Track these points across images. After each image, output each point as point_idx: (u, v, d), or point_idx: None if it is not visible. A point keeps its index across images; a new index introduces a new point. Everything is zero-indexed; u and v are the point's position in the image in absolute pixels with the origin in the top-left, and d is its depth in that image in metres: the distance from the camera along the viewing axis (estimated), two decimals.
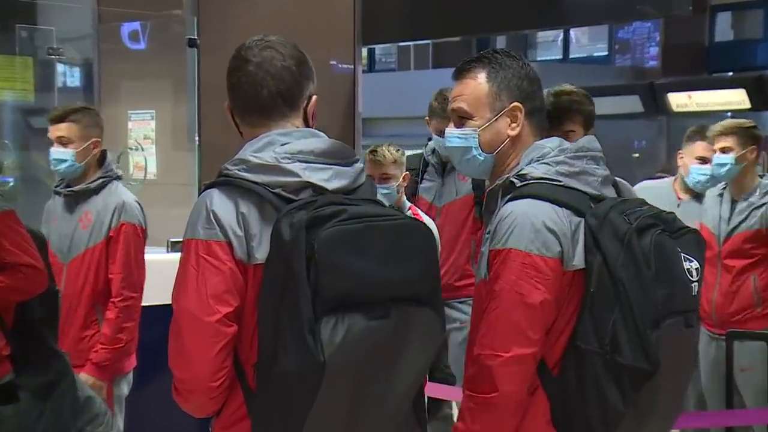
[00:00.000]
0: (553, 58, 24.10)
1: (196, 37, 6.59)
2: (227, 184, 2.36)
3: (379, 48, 26.27)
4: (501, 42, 25.14)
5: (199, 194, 2.43)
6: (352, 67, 6.62)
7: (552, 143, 2.60)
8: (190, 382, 2.33)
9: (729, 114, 14.82)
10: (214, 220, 2.32)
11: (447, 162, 5.29)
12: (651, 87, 14.11)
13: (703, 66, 16.68)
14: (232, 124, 2.54)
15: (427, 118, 5.33)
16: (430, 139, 5.51)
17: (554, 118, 3.83)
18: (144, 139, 6.97)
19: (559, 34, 23.42)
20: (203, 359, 2.30)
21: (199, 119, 6.63)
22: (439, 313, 2.42)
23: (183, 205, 3.52)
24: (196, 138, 6.64)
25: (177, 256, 2.44)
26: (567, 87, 3.94)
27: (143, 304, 4.56)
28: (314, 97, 2.53)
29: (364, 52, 18.12)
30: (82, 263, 4.49)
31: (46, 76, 8.73)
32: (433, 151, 5.48)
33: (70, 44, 9.56)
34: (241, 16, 6.50)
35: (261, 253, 2.31)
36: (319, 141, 2.44)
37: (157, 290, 3.94)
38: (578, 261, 2.49)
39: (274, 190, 2.33)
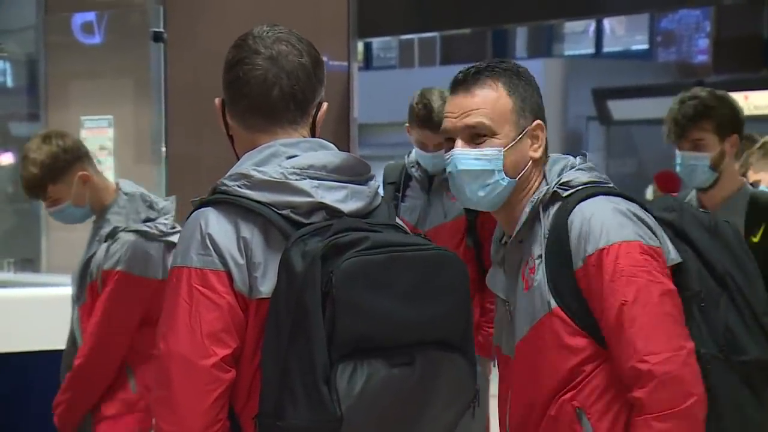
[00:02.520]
0: (584, 52, 24.15)
1: (162, 30, 6.62)
2: (225, 203, 2.33)
3: (377, 42, 26.36)
4: (521, 34, 25.28)
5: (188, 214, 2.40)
6: (347, 64, 6.63)
7: (567, 157, 2.77)
8: None
9: None
10: (210, 246, 2.29)
11: (435, 175, 5.10)
12: (700, 86, 14.18)
13: (761, 62, 16.75)
14: (222, 126, 2.51)
15: (407, 125, 5.14)
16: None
17: (679, 127, 4.03)
18: (100, 149, 6.95)
19: (591, 24, 23.52)
20: (196, 411, 2.26)
21: (166, 126, 6.66)
22: (471, 361, 2.39)
23: None
24: (162, 148, 6.67)
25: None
26: (696, 90, 4.04)
27: None
28: (325, 105, 2.51)
29: (360, 46, 18.15)
30: None
31: None
32: (418, 162, 5.21)
33: (11, 37, 9.60)
34: (214, 6, 6.55)
35: (266, 286, 2.29)
36: (331, 155, 2.41)
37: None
38: (675, 255, 2.63)
39: (281, 212, 2.31)
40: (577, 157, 2.74)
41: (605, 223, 2.54)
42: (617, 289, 2.51)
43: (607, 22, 23.07)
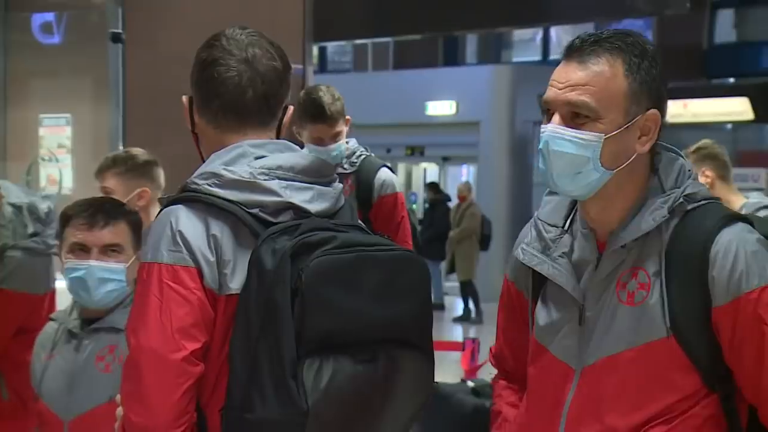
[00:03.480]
0: (531, 59, 24.29)
1: (120, 31, 6.59)
2: (195, 200, 2.33)
3: (331, 46, 26.35)
4: (472, 41, 25.38)
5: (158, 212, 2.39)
6: (302, 67, 6.62)
7: (678, 157, 2.39)
8: (149, 429, 2.26)
9: (729, 126, 14.99)
10: (181, 242, 2.28)
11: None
12: None
13: (701, 71, 16.89)
14: (187, 123, 2.49)
15: (295, 127, 4.95)
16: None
17: None
18: (58, 147, 6.96)
19: (539, 32, 23.64)
20: (165, 403, 2.25)
21: (124, 125, 6.62)
22: (430, 357, 2.40)
23: None
24: (120, 147, 6.62)
25: None
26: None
27: None
28: (291, 108, 2.51)
29: (315, 50, 18.13)
30: None
31: None
32: None
33: None
34: (172, 7, 6.51)
35: (235, 283, 2.29)
36: (298, 156, 2.42)
37: None
38: None
39: (251, 211, 2.31)
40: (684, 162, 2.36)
41: (755, 260, 2.21)
42: None
43: (553, 31, 23.22)
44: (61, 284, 4.77)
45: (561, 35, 23.67)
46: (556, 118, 2.25)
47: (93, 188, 6.55)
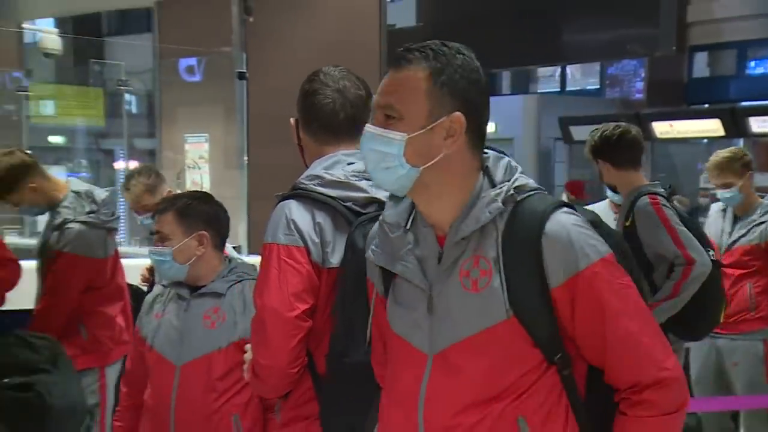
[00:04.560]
0: (552, 90, 24.12)
1: (244, 71, 6.69)
2: (303, 196, 2.32)
3: None
4: (506, 76, 25.13)
5: (246, 206, 2.35)
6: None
7: (502, 156, 1.99)
8: (271, 368, 2.27)
9: (705, 140, 14.79)
10: (293, 228, 2.27)
11: None
12: (637, 116, 14.08)
13: (683, 98, 16.64)
14: (294, 139, 2.49)
15: None
16: None
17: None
18: (199, 158, 7.04)
19: (557, 69, 23.43)
20: (284, 350, 2.25)
21: (247, 142, 6.70)
22: None
23: (233, 216, 3.54)
24: (245, 158, 6.72)
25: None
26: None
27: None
28: None
29: None
30: None
31: (114, 105, 8.82)
32: None
33: (136, 77, 9.67)
34: (283, 53, 6.57)
35: (335, 259, 2.27)
36: None
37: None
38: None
39: (345, 204, 2.30)
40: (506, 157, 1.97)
41: (581, 240, 1.83)
42: (615, 305, 1.83)
43: (569, 68, 22.98)
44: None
45: (574, 71, 23.46)
46: (375, 119, 1.90)
47: (225, 188, 6.69)
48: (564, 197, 13.99)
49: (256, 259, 2.61)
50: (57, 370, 3.57)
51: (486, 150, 1.92)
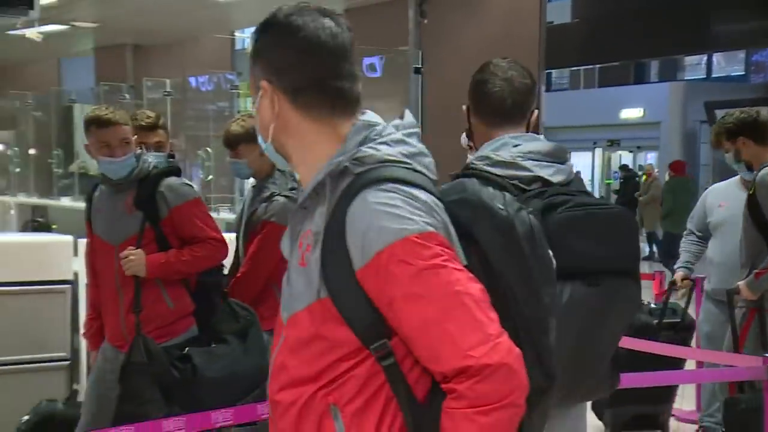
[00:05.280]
0: (699, 77, 23.10)
1: (420, 66, 6.66)
2: (475, 175, 2.23)
3: (555, 72, 25.85)
4: (654, 65, 24.28)
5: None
6: (537, 87, 6.59)
7: (378, 123, 1.65)
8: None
9: None
10: None
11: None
12: None
13: None
14: (466, 123, 2.44)
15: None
16: None
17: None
18: None
19: (704, 57, 22.40)
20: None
21: (423, 130, 6.71)
22: (638, 284, 2.26)
23: None
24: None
25: None
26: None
27: None
28: (536, 112, 2.44)
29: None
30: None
31: None
32: None
33: None
34: (455, 49, 6.49)
35: None
36: (542, 144, 2.33)
37: None
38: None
39: (512, 182, 2.22)
40: (395, 120, 1.67)
41: (382, 220, 1.48)
42: (410, 288, 1.48)
43: (715, 56, 21.93)
44: None
45: (720, 60, 22.38)
46: None
47: None
48: (666, 176, 13.43)
49: None
50: (237, 342, 3.55)
51: (371, 121, 1.61)
